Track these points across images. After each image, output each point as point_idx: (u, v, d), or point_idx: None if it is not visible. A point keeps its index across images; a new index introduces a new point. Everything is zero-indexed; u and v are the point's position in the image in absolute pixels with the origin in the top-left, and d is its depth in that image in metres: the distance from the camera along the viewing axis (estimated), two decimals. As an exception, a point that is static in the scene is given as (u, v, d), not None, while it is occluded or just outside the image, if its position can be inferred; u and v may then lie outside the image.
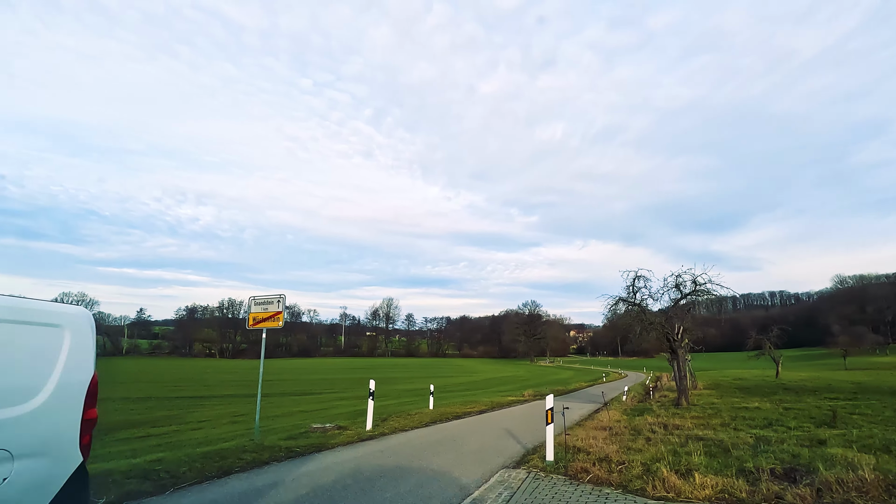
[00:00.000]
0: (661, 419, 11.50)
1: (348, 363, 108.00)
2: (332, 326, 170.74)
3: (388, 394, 34.22)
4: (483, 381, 50.87)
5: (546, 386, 38.75)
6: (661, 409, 14.62)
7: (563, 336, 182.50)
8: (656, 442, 8.26)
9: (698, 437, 8.76)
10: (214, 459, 6.80)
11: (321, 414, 21.94)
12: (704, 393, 19.97)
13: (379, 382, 47.27)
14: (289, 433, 9.59)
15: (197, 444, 10.86)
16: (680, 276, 16.59)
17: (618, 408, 16.17)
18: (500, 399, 20.01)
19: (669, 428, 10.01)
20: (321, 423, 10.79)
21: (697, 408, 14.75)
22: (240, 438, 10.40)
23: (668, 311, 16.36)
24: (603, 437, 9.00)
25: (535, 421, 12.40)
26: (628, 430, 10.05)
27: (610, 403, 18.34)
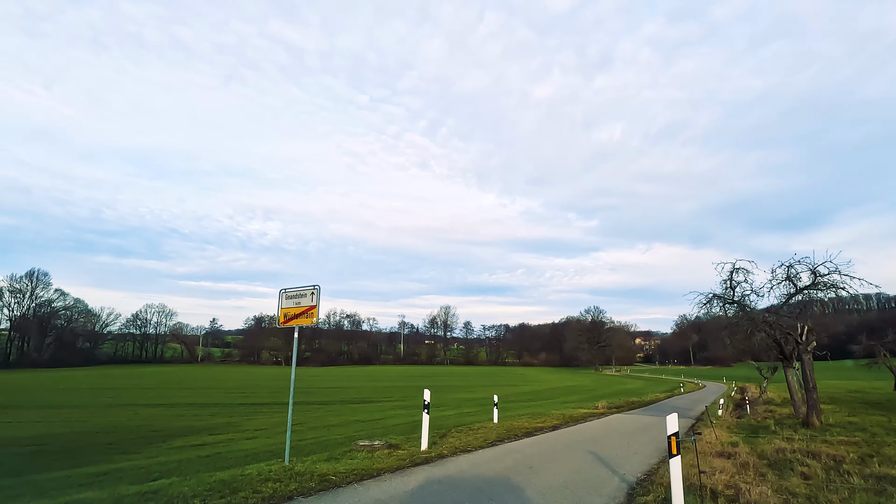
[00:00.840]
0: (796, 444, 8.90)
1: (407, 371, 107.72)
2: (392, 335, 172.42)
3: (447, 403, 32.51)
4: (547, 391, 47.97)
5: (618, 397, 35.49)
6: (782, 430, 11.80)
7: (629, 344, 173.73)
8: (820, 483, 5.89)
9: (889, 476, 6.22)
10: (223, 493, 5.31)
11: (377, 425, 20.56)
12: (826, 409, 16.59)
13: (437, 391, 45.55)
14: (330, 452, 8.05)
15: (233, 460, 9.62)
16: (792, 266, 13.54)
17: (719, 425, 13.45)
18: (572, 412, 17.68)
19: (822, 459, 7.47)
20: (371, 438, 9.18)
21: (837, 429, 11.75)
22: (276, 458, 9.03)
23: (779, 310, 13.41)
24: (731, 470, 6.70)
25: (621, 441, 10.17)
26: (760, 461, 7.61)
27: (705, 418, 15.57)
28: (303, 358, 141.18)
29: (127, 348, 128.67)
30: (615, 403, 22.98)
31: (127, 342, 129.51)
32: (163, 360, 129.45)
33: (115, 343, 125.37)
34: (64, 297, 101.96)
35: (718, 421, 14.20)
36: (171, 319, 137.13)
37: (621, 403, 23.77)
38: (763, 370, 34.83)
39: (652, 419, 15.89)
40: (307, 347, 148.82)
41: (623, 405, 23.36)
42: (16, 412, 26.30)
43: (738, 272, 13.48)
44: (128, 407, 30.59)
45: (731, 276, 13.59)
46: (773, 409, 17.99)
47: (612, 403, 22.43)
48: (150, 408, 30.33)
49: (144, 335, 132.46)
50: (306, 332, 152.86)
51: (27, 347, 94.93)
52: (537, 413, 17.32)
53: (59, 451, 15.52)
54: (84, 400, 33.94)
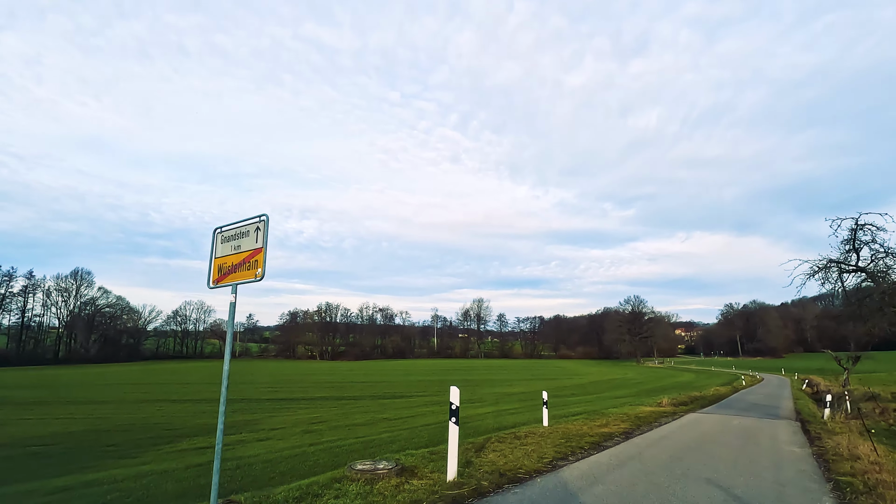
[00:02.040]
0: None
1: (441, 364, 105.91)
2: (425, 328, 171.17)
3: (485, 398, 30.06)
4: (591, 385, 44.78)
5: (675, 391, 32.11)
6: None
7: (671, 334, 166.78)
8: None
9: None
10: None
11: (404, 424, 18.35)
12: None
13: (473, 385, 43.05)
14: (316, 478, 5.60)
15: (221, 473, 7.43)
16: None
17: (842, 431, 10.42)
18: (635, 410, 14.85)
19: None
20: (376, 458, 6.78)
21: None
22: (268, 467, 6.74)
23: None
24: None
25: (735, 458, 7.40)
26: None
27: (813, 422, 12.54)
28: (338, 352, 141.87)
29: (168, 344, 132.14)
30: (678, 399, 19.91)
31: (168, 338, 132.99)
32: (202, 355, 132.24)
33: (156, 339, 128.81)
34: (107, 295, 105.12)
35: (834, 425, 11.19)
36: (210, 316, 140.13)
37: (685, 399, 20.66)
38: (843, 360, 30.84)
39: (745, 421, 12.92)
40: (342, 342, 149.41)
41: (688, 401, 20.26)
42: (44, 408, 25.73)
43: (863, 229, 10.34)
44: (155, 403, 29.72)
45: (855, 235, 10.45)
46: (886, 405, 14.64)
47: (675, 399, 19.38)
48: (176, 404, 29.37)
49: (185, 331, 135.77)
50: (341, 327, 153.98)
51: (74, 344, 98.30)
52: (592, 412, 14.58)
53: (55, 455, 14.13)
54: (117, 395, 33.44)
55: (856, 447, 7.83)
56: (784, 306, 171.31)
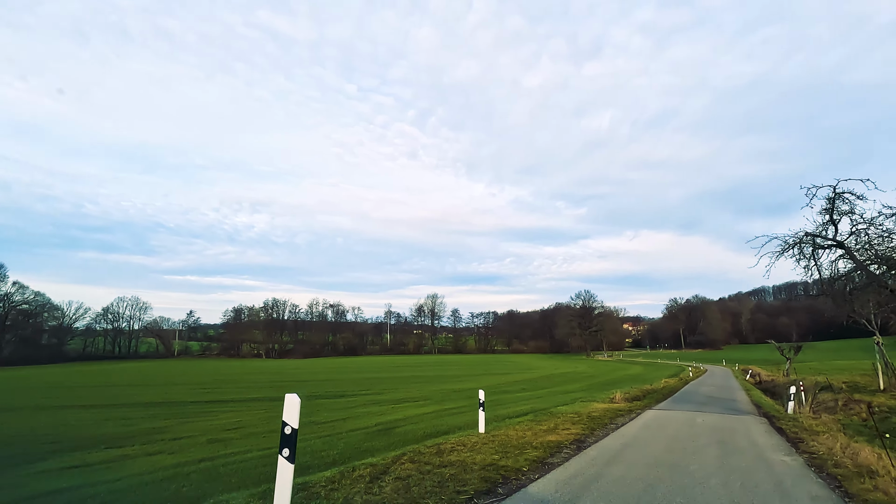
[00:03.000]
0: None
1: (394, 361, 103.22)
2: (378, 325, 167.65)
3: (431, 396, 27.93)
4: (543, 379, 43.72)
5: (626, 385, 31.26)
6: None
7: (619, 328, 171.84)
8: None
9: None
10: None
11: (335, 429, 15.99)
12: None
13: (423, 382, 40.70)
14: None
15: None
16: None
17: (819, 428, 9.03)
18: (587, 408, 13.18)
19: None
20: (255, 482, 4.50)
21: None
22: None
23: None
24: None
25: (710, 471, 5.61)
26: None
27: (782, 416, 11.26)
28: (285, 350, 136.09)
29: (98, 343, 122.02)
30: (631, 393, 18.58)
31: (98, 337, 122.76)
32: (137, 355, 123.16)
33: (84, 339, 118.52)
34: (23, 291, 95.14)
35: (808, 422, 9.86)
36: (146, 313, 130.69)
37: (638, 393, 19.39)
38: (785, 350, 31.20)
39: (710, 419, 11.44)
40: (290, 339, 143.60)
41: (641, 395, 18.98)
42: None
43: (842, 198, 8.93)
44: (59, 409, 25.61)
45: (833, 205, 9.02)
46: (846, 396, 13.70)
47: (628, 393, 18.03)
48: (84, 410, 25.41)
49: (117, 330, 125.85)
50: (289, 324, 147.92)
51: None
52: (541, 411, 12.74)
53: None
54: (18, 401, 28.87)
55: (856, 453, 6.24)
56: (722, 301, 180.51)
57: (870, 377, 18.00)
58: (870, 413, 10.19)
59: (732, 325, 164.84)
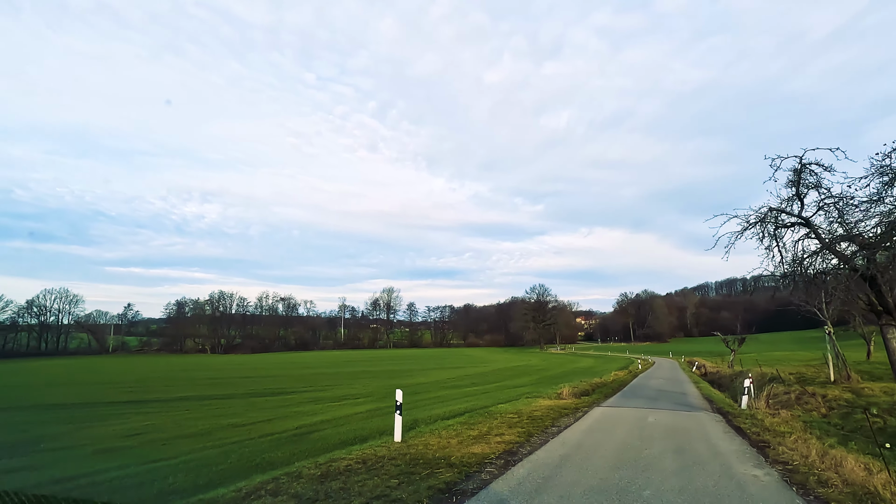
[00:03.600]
0: None
1: (347, 356, 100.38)
2: (332, 319, 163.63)
3: (374, 392, 26.22)
4: (493, 373, 42.86)
5: (576, 378, 30.69)
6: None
7: (572, 322, 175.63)
8: None
9: None
10: None
11: (252, 433, 14.06)
12: (877, 387, 11.94)
13: (370, 377, 38.50)
14: None
15: None
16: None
17: (781, 427, 8.06)
18: (530, 406, 11.94)
19: None
20: None
21: None
22: None
23: (879, 240, 7.85)
24: None
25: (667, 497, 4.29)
26: None
27: (739, 414, 10.36)
28: (233, 345, 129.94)
29: (21, 339, 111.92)
30: (580, 388, 17.63)
31: (21, 333, 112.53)
32: (66, 352, 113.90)
33: (4, 334, 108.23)
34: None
35: (770, 421, 8.96)
36: (77, 306, 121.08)
37: (587, 387, 18.49)
38: (730, 342, 31.59)
39: (662, 417, 10.41)
40: (238, 333, 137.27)
41: (591, 389, 18.08)
42: None
43: (809, 170, 7.93)
44: None
45: (800, 177, 8.02)
46: (799, 389, 13.13)
47: (576, 388, 17.03)
48: None
49: (43, 325, 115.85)
50: (237, 318, 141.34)
51: None
52: (479, 410, 11.36)
53: None
54: None
55: (838, 464, 5.14)
56: (669, 296, 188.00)
57: (815, 368, 17.85)
58: (868, 418, 9.35)
59: (678, 318, 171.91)
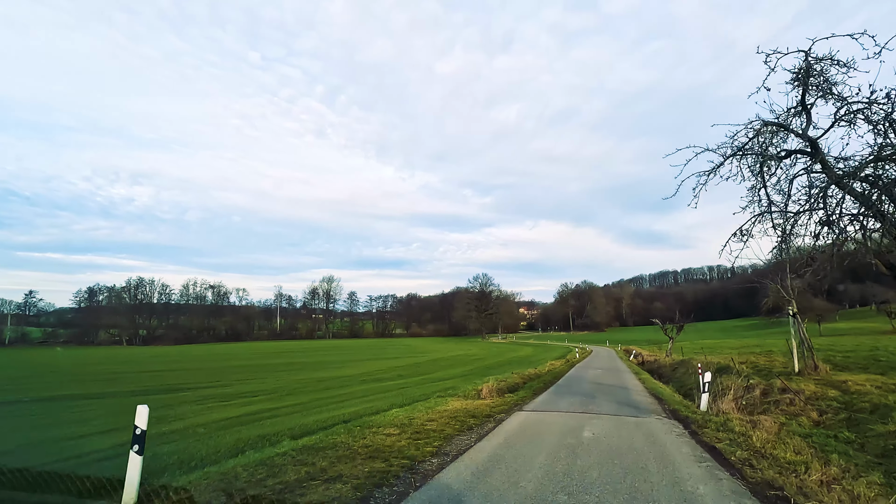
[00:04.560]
0: None
1: (279, 347, 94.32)
2: (268, 309, 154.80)
3: (281, 389, 22.49)
4: (427, 364, 39.96)
5: (509, 367, 28.22)
6: None
7: (515, 312, 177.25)
8: None
9: None
10: None
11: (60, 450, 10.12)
12: (859, 379, 9.88)
13: (296, 370, 33.38)
14: None
15: None
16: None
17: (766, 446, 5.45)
18: (434, 411, 8.88)
19: None
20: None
21: None
22: None
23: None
24: None
25: None
26: None
27: (696, 419, 7.80)
28: (153, 336, 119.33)
29: None
30: (509, 381, 14.87)
31: None
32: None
33: None
34: None
35: (736, 424, 6.41)
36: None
37: (517, 381, 15.77)
38: (668, 330, 30.54)
39: (603, 426, 7.58)
40: (159, 324, 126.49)
41: (520, 383, 15.35)
42: None
43: (818, 69, 5.31)
44: None
45: (805, 84, 5.38)
46: (756, 385, 10.93)
47: (503, 382, 14.25)
48: None
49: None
50: (158, 307, 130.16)
51: None
52: (361, 418, 8.10)
53: None
54: None
55: None
56: (607, 287, 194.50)
57: (765, 357, 16.17)
58: (764, 398, 7.28)
59: (615, 309, 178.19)
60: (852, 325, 67.89)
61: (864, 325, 68.26)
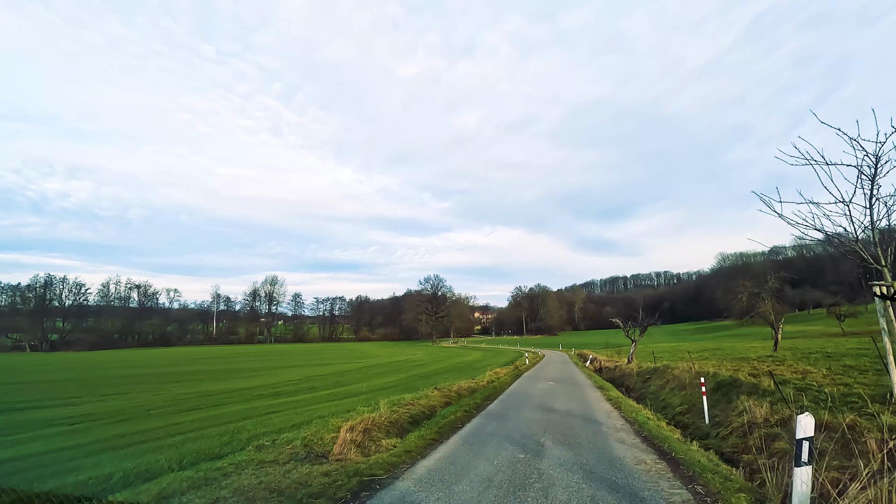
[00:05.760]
0: None
1: (208, 352, 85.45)
2: (203, 312, 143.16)
3: (161, 410, 16.74)
4: (357, 371, 34.59)
5: (447, 375, 23.59)
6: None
7: (469, 315, 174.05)
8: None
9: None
10: None
11: None
12: None
13: (194, 380, 24.55)
14: None
15: None
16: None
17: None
18: (289, 446, 4.03)
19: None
20: None
21: None
22: None
23: None
24: None
25: None
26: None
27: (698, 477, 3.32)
28: (65, 341, 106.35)
29: None
30: (418, 405, 10.12)
31: None
32: None
33: None
34: None
35: None
36: None
37: (435, 403, 11.02)
38: (631, 332, 27.00)
39: None
40: (73, 327, 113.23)
41: (434, 408, 10.61)
42: None
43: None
44: None
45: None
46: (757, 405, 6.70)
47: (402, 408, 9.48)
48: None
49: None
50: (72, 310, 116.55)
51: None
52: None
53: None
54: None
55: None
56: (560, 292, 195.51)
57: (788, 369, 12.09)
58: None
59: (567, 313, 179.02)
60: (800, 329, 68.21)
61: (811, 327, 68.84)
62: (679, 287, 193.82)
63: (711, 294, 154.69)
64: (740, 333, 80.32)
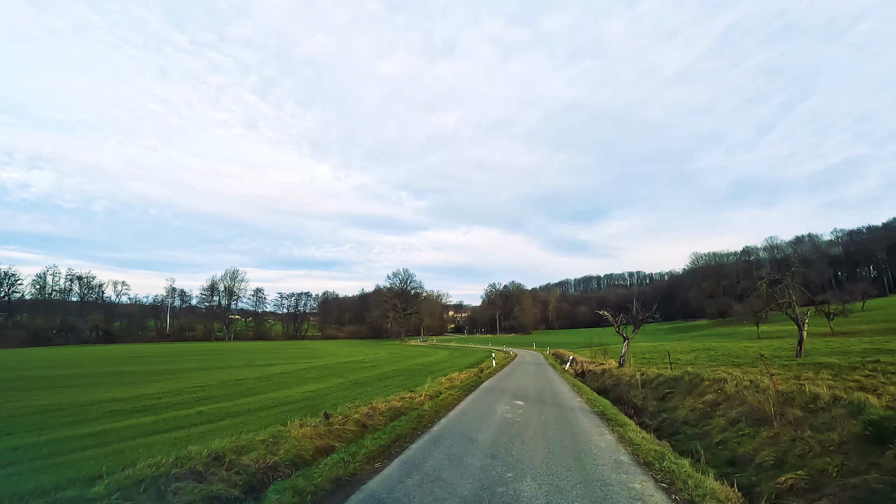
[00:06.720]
0: None
1: (152, 350, 77.60)
2: (156, 307, 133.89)
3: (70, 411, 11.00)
4: (293, 374, 29.02)
5: (395, 381, 18.49)
6: None
7: (441, 313, 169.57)
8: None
9: None
10: None
11: None
12: None
13: (124, 383, 21.28)
14: None
15: None
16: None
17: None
18: None
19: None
20: None
21: None
22: None
23: None
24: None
25: None
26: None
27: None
28: None
29: None
30: (329, 427, 5.04)
31: None
32: None
33: None
34: None
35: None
36: None
37: (324, 443, 5.96)
38: (622, 328, 22.61)
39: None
40: (4, 323, 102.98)
41: (323, 448, 5.53)
42: None
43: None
44: None
45: None
46: None
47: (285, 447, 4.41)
48: None
49: None
50: (2, 304, 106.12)
51: None
52: None
53: None
54: None
55: None
56: (534, 291, 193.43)
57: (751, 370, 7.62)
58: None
59: (542, 311, 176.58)
60: (777, 328, 65.76)
61: (789, 327, 66.53)
62: (651, 287, 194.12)
63: (685, 294, 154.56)
64: (719, 333, 77.75)
